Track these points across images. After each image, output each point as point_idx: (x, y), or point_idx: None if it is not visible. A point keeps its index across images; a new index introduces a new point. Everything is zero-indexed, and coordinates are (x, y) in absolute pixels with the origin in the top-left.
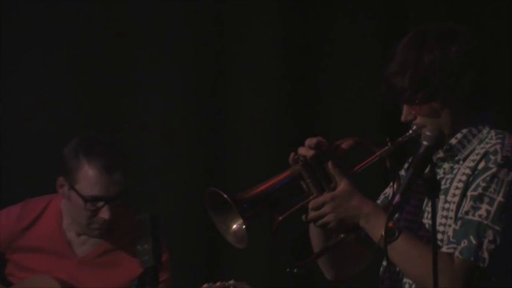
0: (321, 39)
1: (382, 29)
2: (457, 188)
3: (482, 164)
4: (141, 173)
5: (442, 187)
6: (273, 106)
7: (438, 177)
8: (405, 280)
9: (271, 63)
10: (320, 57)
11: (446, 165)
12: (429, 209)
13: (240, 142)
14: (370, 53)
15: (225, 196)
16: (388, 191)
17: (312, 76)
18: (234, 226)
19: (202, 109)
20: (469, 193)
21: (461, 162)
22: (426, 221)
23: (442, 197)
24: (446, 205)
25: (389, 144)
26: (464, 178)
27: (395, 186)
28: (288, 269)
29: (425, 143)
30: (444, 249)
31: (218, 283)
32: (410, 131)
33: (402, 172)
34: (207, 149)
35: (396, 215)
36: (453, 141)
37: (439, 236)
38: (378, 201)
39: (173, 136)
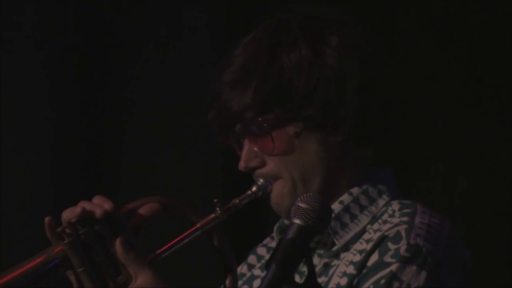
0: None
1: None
2: None
3: (374, 258)
4: None
5: None
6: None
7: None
8: None
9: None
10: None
11: (316, 260)
12: None
13: None
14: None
15: None
16: None
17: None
18: None
19: None
20: None
21: (341, 254)
22: None
23: None
24: None
25: (217, 210)
26: (344, 281)
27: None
28: None
29: (297, 221)
30: None
31: None
32: (254, 188)
33: (254, 262)
34: None
35: None
36: None
37: None
38: None
39: None
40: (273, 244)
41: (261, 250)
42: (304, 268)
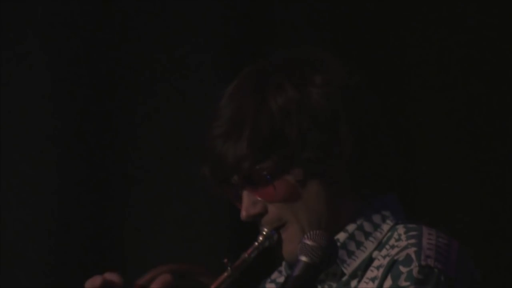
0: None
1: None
2: None
3: (388, 283)
4: None
5: None
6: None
7: None
8: None
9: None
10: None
11: None
12: None
13: None
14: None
15: None
16: None
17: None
18: None
19: None
20: None
21: (352, 283)
22: None
23: None
24: None
25: (228, 268)
26: None
27: None
28: None
29: (303, 258)
30: None
31: None
32: (260, 238)
33: None
34: None
35: None
36: None
37: None
38: None
39: None
40: (281, 279)
41: (270, 286)
42: None
